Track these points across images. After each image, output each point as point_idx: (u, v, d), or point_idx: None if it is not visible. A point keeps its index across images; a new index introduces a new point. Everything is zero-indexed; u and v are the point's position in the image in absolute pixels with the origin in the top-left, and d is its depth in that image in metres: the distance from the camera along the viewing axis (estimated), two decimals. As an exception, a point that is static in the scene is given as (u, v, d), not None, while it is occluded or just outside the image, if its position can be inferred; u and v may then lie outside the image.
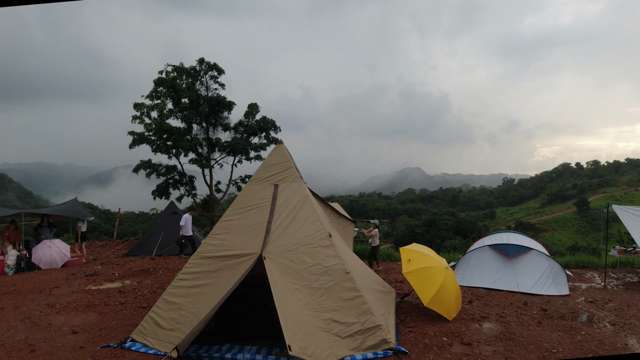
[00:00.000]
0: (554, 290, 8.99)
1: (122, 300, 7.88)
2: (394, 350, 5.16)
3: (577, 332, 6.18)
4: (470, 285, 9.45)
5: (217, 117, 22.28)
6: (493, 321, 6.70)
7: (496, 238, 10.81)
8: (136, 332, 5.63)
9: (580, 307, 7.72)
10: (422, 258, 7.29)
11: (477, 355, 5.27)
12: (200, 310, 5.32)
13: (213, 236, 6.03)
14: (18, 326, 6.34)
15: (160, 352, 5.20)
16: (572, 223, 75.93)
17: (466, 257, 10.35)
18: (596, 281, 10.63)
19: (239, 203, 6.30)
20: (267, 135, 22.85)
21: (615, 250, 12.20)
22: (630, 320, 6.88)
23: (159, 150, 21.42)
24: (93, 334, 6.00)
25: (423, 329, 6.17)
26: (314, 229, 5.92)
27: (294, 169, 6.49)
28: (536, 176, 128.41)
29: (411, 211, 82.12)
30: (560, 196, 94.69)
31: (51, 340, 5.75)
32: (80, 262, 12.36)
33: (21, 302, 7.72)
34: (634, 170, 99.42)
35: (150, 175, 22.02)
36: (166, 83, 21.09)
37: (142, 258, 13.13)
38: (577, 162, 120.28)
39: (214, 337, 5.83)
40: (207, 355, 5.26)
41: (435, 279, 6.81)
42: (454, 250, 24.05)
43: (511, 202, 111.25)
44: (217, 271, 5.62)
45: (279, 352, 5.27)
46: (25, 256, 11.24)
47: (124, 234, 22.10)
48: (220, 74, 22.53)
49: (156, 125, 20.61)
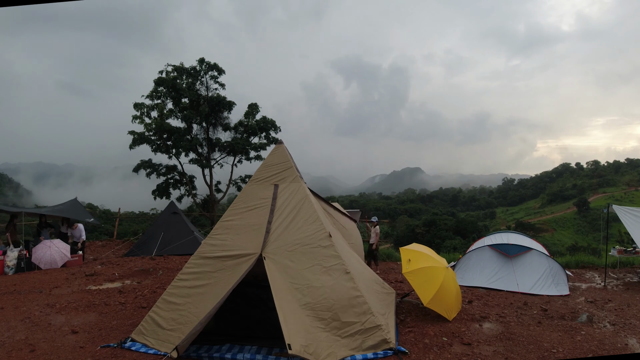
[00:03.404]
0: (554, 291, 8.99)
1: (122, 300, 7.88)
2: (394, 350, 5.16)
3: (577, 332, 6.18)
4: (470, 285, 9.46)
5: (217, 117, 22.32)
6: (493, 321, 6.70)
7: (496, 238, 10.81)
8: (136, 332, 5.64)
9: (580, 307, 7.72)
10: (422, 258, 7.29)
11: (477, 355, 5.27)
12: (200, 310, 5.32)
13: (213, 236, 6.04)
14: (18, 326, 6.34)
15: (160, 352, 5.20)
16: (572, 223, 75.95)
17: (466, 257, 10.36)
18: (596, 281, 10.63)
19: (239, 203, 6.31)
20: (267, 135, 22.88)
21: (615, 250, 12.20)
22: (630, 320, 6.88)
23: (159, 150, 21.45)
24: (93, 334, 6.00)
25: (423, 329, 6.18)
26: (314, 229, 5.93)
27: (294, 169, 6.49)
28: (536, 176, 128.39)
29: (411, 211, 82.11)
30: (560, 196, 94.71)
31: (51, 340, 5.76)
32: (80, 262, 12.37)
33: (21, 302, 7.72)
34: (634, 170, 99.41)
35: (150, 175, 22.04)
36: (166, 83, 21.12)
37: (142, 258, 13.13)
38: (577, 162, 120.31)
39: (214, 337, 5.83)
40: (207, 355, 5.26)
41: (435, 279, 6.81)
42: (454, 250, 24.04)
43: (511, 202, 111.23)
44: (217, 271, 5.63)
45: (279, 352, 5.27)
46: (25, 256, 11.24)
47: (124, 234, 22.10)
48: (221, 74, 22.57)
49: (156, 125, 20.63)
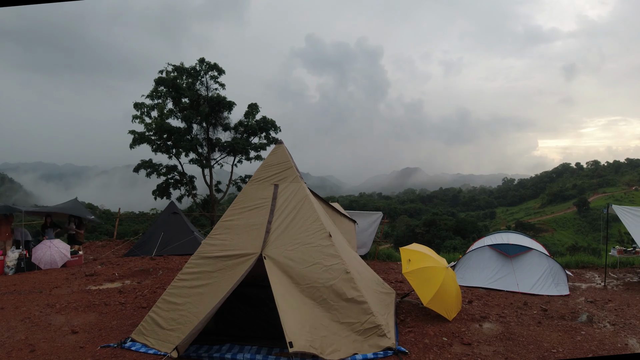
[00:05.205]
0: (554, 291, 8.99)
1: (122, 300, 7.88)
2: (394, 350, 5.16)
3: (577, 332, 6.18)
4: (470, 285, 9.45)
5: (217, 117, 22.34)
6: (493, 321, 6.70)
7: (496, 238, 10.81)
8: (136, 332, 5.64)
9: (580, 307, 7.72)
10: (422, 258, 7.29)
11: (477, 355, 5.27)
12: (201, 310, 5.32)
13: (213, 236, 6.03)
14: (18, 326, 6.34)
15: (160, 352, 5.20)
16: (572, 223, 75.97)
17: (466, 257, 10.36)
18: (596, 281, 10.63)
19: (239, 203, 6.30)
20: (267, 135, 22.90)
21: (615, 250, 12.19)
22: (630, 320, 6.88)
23: (160, 150, 21.47)
24: (93, 334, 6.00)
25: (423, 329, 6.17)
26: (314, 228, 5.92)
27: (294, 169, 6.49)
28: (536, 176, 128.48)
29: (411, 211, 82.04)
30: (560, 196, 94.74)
31: (51, 340, 5.76)
32: (81, 262, 12.36)
33: (21, 302, 7.72)
34: (634, 170, 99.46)
35: (150, 175, 22.06)
36: (166, 83, 21.14)
37: (142, 258, 13.12)
38: (577, 162, 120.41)
39: (214, 337, 5.83)
40: (207, 355, 5.26)
41: (435, 279, 6.81)
42: (454, 250, 24.02)
43: (511, 202, 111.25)
44: (217, 271, 5.62)
45: (279, 352, 5.27)
46: (25, 256, 11.24)
47: (124, 234, 22.10)
48: (221, 74, 22.60)
49: (156, 125, 20.64)
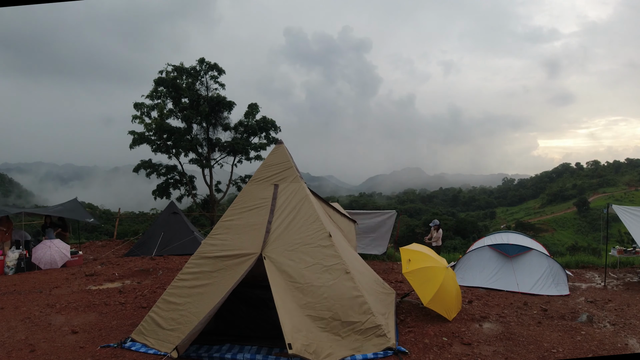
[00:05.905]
0: (554, 291, 8.99)
1: (122, 300, 7.88)
2: (394, 350, 5.16)
3: (577, 332, 6.18)
4: (470, 285, 9.45)
5: (217, 117, 22.34)
6: (493, 321, 6.70)
7: (496, 238, 10.81)
8: (136, 332, 5.64)
9: (580, 307, 7.72)
10: (422, 258, 7.29)
11: (477, 355, 5.27)
12: (200, 310, 5.32)
13: (213, 236, 6.03)
14: (18, 326, 6.34)
15: (160, 352, 5.20)
16: (572, 223, 75.95)
17: (466, 257, 10.36)
18: (596, 281, 10.63)
19: (239, 203, 6.30)
20: (267, 135, 22.90)
21: (615, 250, 12.19)
22: (630, 320, 6.88)
23: (159, 150, 21.47)
24: (93, 334, 6.00)
25: (423, 329, 6.18)
26: (314, 228, 5.92)
27: (294, 169, 6.49)
28: (536, 176, 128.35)
29: (411, 211, 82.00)
30: (560, 196, 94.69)
31: (51, 340, 5.76)
32: (81, 262, 12.36)
33: (21, 302, 7.72)
34: (634, 170, 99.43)
35: (150, 175, 22.06)
36: (166, 83, 21.13)
37: (142, 258, 13.12)
38: (577, 162, 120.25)
39: (214, 337, 5.83)
40: (207, 355, 5.26)
41: (435, 279, 6.81)
42: (454, 250, 24.02)
43: (511, 202, 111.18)
44: (217, 271, 5.62)
45: (279, 352, 5.27)
46: (25, 256, 11.24)
47: (124, 234, 22.10)
48: (221, 74, 22.60)
49: (156, 125, 20.64)
